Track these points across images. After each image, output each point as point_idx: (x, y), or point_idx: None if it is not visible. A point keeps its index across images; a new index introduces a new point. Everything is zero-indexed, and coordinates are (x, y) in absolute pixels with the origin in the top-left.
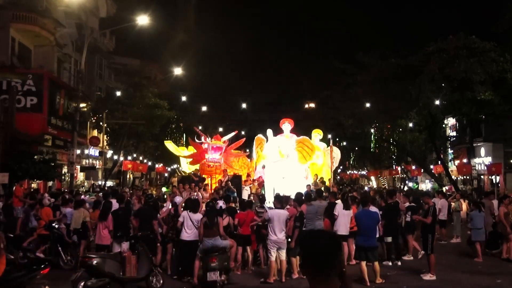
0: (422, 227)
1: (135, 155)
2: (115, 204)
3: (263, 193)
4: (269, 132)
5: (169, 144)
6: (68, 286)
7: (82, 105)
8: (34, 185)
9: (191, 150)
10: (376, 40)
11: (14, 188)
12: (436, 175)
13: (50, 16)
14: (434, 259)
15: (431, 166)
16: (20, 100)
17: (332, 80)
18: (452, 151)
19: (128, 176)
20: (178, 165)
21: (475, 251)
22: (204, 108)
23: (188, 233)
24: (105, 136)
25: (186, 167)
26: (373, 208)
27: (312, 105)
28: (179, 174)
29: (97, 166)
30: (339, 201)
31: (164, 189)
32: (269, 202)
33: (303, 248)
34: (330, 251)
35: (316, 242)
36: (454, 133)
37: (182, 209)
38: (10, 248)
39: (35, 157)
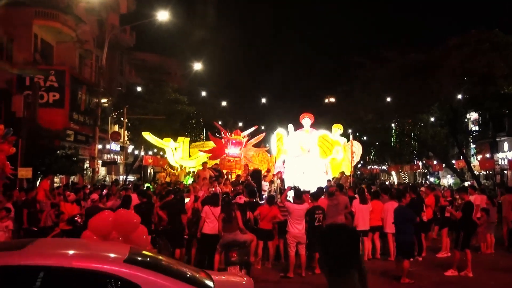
0: (456, 223)
1: (155, 150)
2: (135, 199)
3: (283, 188)
4: (290, 127)
5: (148, 136)
6: None
7: (103, 100)
8: (56, 180)
9: (178, 141)
10: (396, 34)
11: (39, 181)
12: (458, 170)
13: (71, 12)
14: (459, 255)
15: (453, 161)
16: (42, 95)
17: (352, 75)
18: (474, 145)
19: (149, 171)
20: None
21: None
22: (223, 103)
23: (210, 226)
24: (126, 131)
25: (173, 160)
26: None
27: (332, 99)
28: (167, 169)
29: (118, 161)
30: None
31: (191, 181)
32: (289, 196)
33: (322, 243)
34: (351, 246)
35: (336, 237)
36: (476, 128)
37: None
38: None
39: (58, 152)
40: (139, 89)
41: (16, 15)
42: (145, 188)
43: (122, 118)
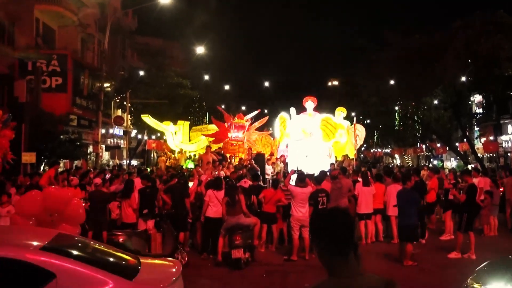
0: (459, 205)
1: (158, 134)
2: (138, 183)
3: (287, 171)
4: (292, 110)
5: (147, 118)
6: None
7: (106, 85)
8: (60, 164)
9: (178, 124)
10: (400, 16)
11: (43, 167)
12: (462, 153)
13: None
14: (462, 238)
15: (457, 144)
16: (45, 80)
17: (356, 58)
18: (478, 128)
19: (152, 155)
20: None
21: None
22: (226, 87)
23: (213, 210)
24: (129, 115)
25: (173, 144)
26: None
27: (336, 82)
28: (167, 153)
29: (121, 145)
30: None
31: (191, 165)
32: (292, 180)
33: (319, 228)
34: (349, 228)
35: (333, 221)
36: (480, 110)
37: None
38: None
39: (61, 137)
40: (141, 73)
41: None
42: (149, 172)
43: (125, 103)
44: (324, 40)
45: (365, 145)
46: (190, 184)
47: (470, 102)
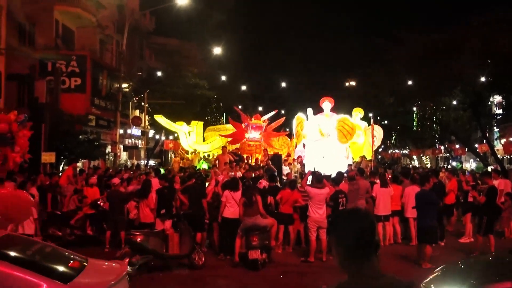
0: (479, 207)
1: (176, 135)
2: (156, 183)
3: (304, 172)
4: (309, 110)
5: (160, 118)
6: None
7: (124, 85)
8: (79, 164)
9: (191, 124)
10: (416, 15)
11: (62, 167)
12: (481, 154)
13: None
14: (481, 240)
15: (476, 145)
16: (64, 81)
17: (373, 57)
18: (498, 129)
19: (169, 156)
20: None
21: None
22: (243, 87)
23: (231, 211)
24: (146, 116)
25: (186, 144)
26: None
27: (353, 83)
28: (181, 153)
29: (139, 146)
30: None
31: (205, 166)
32: (309, 181)
33: (340, 230)
34: (370, 229)
35: (355, 222)
36: (500, 111)
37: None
38: (58, 225)
39: (80, 137)
40: (159, 73)
41: (38, 1)
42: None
43: (142, 103)
44: (341, 40)
45: (382, 146)
46: (207, 184)
47: (489, 103)
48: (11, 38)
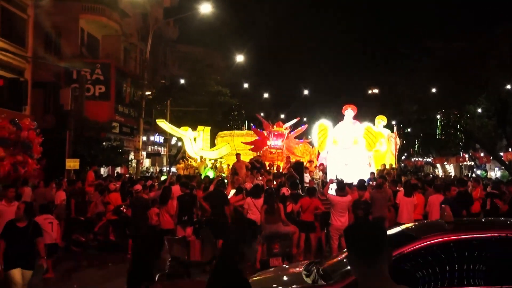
0: (502, 216)
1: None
2: (177, 190)
3: (326, 180)
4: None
5: (162, 123)
6: None
7: (147, 93)
8: (103, 170)
9: (198, 129)
10: (440, 23)
11: (87, 173)
12: (507, 162)
13: (116, 6)
14: None
15: (501, 153)
16: (89, 88)
17: (396, 65)
18: None
19: None
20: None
21: None
22: (266, 95)
23: (252, 218)
24: (169, 123)
25: (192, 151)
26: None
27: (376, 90)
28: (186, 161)
29: (162, 153)
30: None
31: (211, 173)
32: (331, 189)
33: (348, 239)
34: (375, 241)
35: (360, 233)
36: None
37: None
38: (82, 231)
39: (103, 143)
40: (182, 81)
41: (64, 10)
42: (162, 180)
43: (165, 110)
44: (364, 48)
45: (405, 154)
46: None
47: None
48: (38, 47)
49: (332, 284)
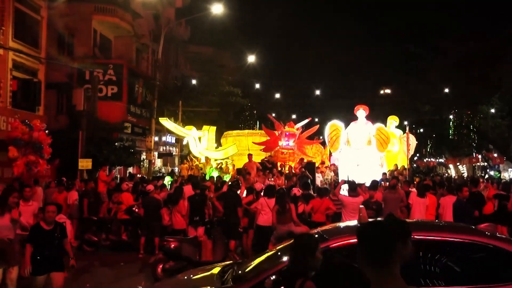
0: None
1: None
2: (188, 190)
3: (337, 180)
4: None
5: (166, 122)
6: (147, 269)
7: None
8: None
9: (203, 129)
10: (452, 23)
11: (98, 173)
12: None
13: (128, 7)
14: None
15: None
16: (101, 89)
17: (408, 66)
18: None
19: None
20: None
21: None
22: (277, 95)
23: (264, 218)
24: (181, 123)
25: (196, 151)
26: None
27: (388, 91)
28: (190, 161)
29: (173, 153)
30: (413, 190)
31: (215, 174)
32: (343, 189)
33: (358, 238)
34: (382, 244)
35: (368, 231)
36: None
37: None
38: (94, 230)
39: (116, 144)
40: (193, 81)
41: (77, 11)
42: (164, 181)
43: (177, 111)
44: (376, 48)
45: (418, 155)
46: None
47: None
48: (51, 48)
49: (238, 286)
